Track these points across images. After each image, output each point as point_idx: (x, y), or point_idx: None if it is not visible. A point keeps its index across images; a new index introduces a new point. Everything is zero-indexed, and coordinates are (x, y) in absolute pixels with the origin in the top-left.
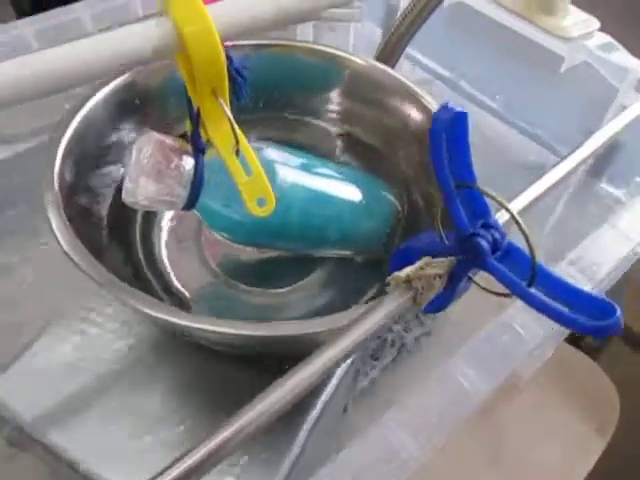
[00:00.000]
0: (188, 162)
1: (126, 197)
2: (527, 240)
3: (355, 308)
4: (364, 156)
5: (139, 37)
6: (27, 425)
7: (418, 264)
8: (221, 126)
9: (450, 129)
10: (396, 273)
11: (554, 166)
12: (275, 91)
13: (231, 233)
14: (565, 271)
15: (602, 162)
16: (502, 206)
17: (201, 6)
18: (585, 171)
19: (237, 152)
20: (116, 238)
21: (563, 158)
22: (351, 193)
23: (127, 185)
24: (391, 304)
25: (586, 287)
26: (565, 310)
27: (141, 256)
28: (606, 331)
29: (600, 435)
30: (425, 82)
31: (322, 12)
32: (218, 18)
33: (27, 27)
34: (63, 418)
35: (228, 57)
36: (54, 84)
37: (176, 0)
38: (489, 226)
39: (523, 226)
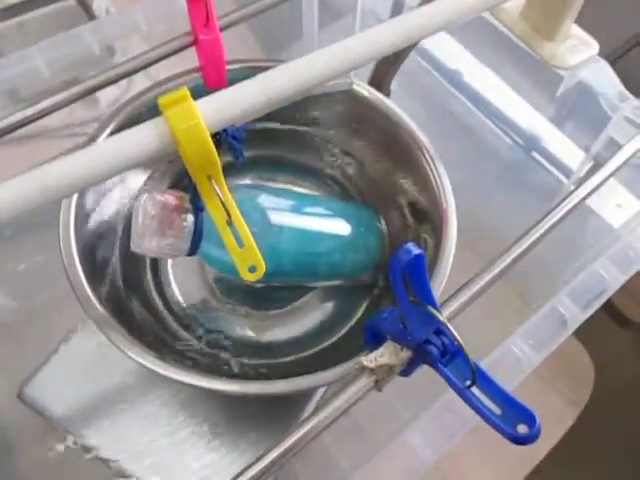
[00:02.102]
0: (189, 219)
1: (134, 248)
2: (462, 349)
3: (339, 366)
4: (360, 171)
5: (141, 139)
6: (59, 423)
7: (381, 350)
8: (216, 202)
9: (409, 266)
10: (363, 359)
11: (492, 262)
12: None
13: (229, 273)
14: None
15: None
16: (443, 323)
17: (191, 105)
18: None
19: (230, 223)
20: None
21: (506, 250)
22: (340, 229)
23: (134, 238)
24: (356, 387)
25: None
26: (496, 413)
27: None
28: (524, 441)
29: (572, 408)
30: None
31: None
32: (208, 113)
33: None
34: (91, 416)
35: (224, 130)
36: (70, 188)
37: (169, 101)
38: (440, 332)
39: (456, 335)
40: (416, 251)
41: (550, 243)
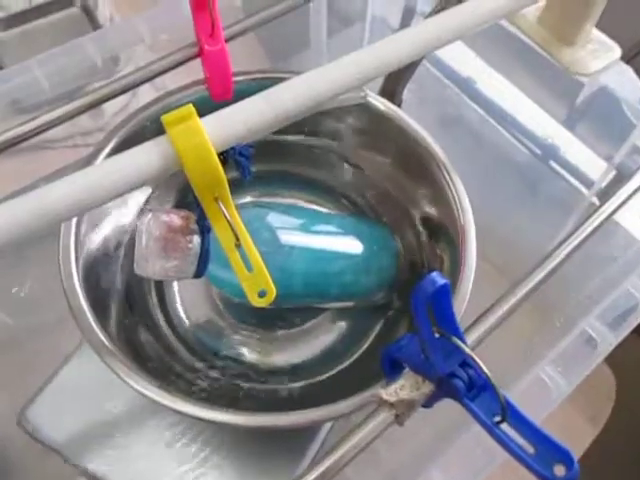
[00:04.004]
0: (195, 240)
1: (137, 271)
2: (490, 382)
3: (355, 396)
4: (373, 186)
5: (143, 159)
6: (60, 450)
7: (401, 382)
8: (223, 224)
9: (434, 297)
10: (382, 392)
11: (516, 285)
12: None
13: (238, 296)
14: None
15: None
16: (470, 356)
17: (196, 123)
18: None
19: (239, 246)
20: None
21: (528, 273)
22: (353, 247)
23: (138, 261)
24: (376, 422)
25: None
26: (529, 452)
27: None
28: None
29: (592, 425)
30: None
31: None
32: (214, 131)
33: None
34: (91, 442)
35: (231, 147)
36: (69, 213)
37: (173, 119)
38: (466, 364)
39: (484, 368)
40: (441, 281)
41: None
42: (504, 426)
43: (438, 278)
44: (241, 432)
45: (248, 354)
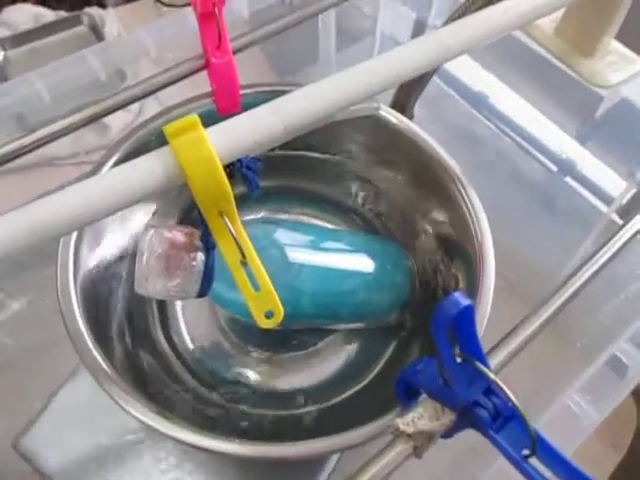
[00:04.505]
0: (198, 258)
1: (138, 290)
2: (518, 412)
3: (366, 426)
4: (385, 202)
5: (145, 171)
6: (54, 475)
7: (420, 410)
8: (229, 240)
9: (456, 319)
10: (398, 422)
11: (542, 304)
12: None
13: (244, 316)
14: None
15: None
16: (495, 382)
17: (201, 133)
18: None
19: (245, 264)
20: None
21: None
22: (365, 266)
23: (138, 279)
24: (393, 453)
25: None
26: None
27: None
28: None
29: (614, 451)
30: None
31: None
32: (220, 142)
33: None
34: (88, 469)
35: (238, 160)
36: (66, 227)
37: (177, 130)
38: (490, 392)
39: (511, 396)
40: (465, 302)
41: None
42: (532, 460)
43: (462, 299)
44: (245, 461)
45: (254, 377)
